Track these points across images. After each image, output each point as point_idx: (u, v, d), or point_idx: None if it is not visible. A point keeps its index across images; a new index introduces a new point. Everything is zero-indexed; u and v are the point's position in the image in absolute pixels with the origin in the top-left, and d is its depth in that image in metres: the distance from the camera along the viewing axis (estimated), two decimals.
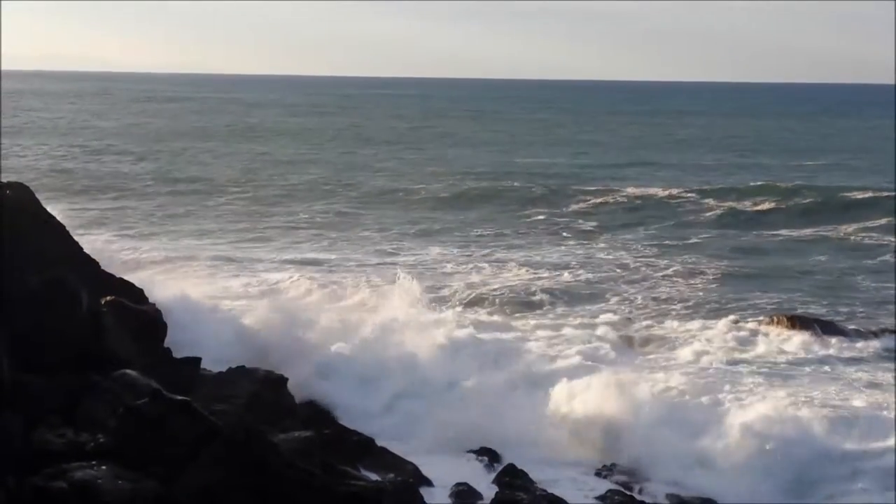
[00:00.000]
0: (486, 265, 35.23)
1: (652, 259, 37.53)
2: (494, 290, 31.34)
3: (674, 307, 30.19)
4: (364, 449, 17.28)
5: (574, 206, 48.77)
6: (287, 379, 18.80)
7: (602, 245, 40.10)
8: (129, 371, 14.98)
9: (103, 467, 11.97)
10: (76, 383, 14.05)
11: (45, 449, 12.26)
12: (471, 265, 35.29)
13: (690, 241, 40.94)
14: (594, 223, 45.00)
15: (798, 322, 26.97)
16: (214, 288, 28.86)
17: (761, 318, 28.17)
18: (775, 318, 27.60)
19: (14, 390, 13.13)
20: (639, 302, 30.61)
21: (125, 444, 12.49)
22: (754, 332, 26.84)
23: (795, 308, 29.50)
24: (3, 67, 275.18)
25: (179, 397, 13.49)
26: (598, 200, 50.00)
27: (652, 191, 52.82)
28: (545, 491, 16.18)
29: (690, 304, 30.64)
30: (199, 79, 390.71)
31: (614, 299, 30.84)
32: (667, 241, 41.04)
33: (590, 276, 34.00)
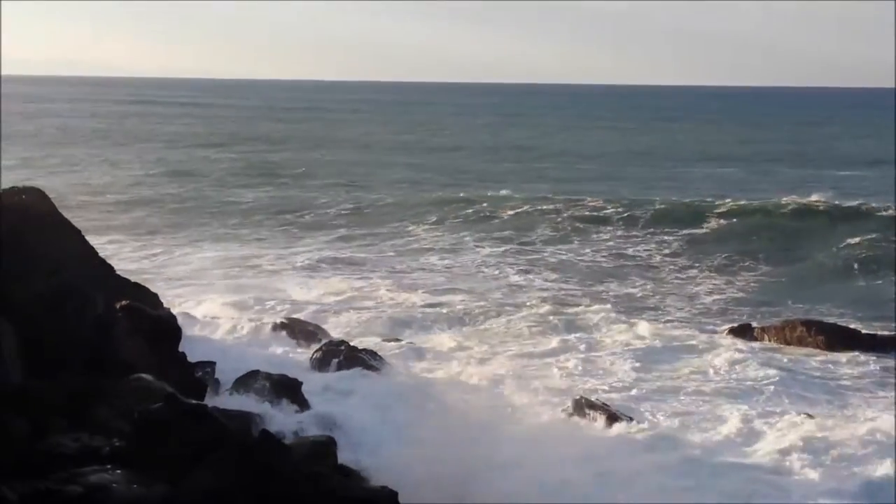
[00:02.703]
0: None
1: (673, 260, 38.12)
2: None
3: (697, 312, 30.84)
4: None
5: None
6: (301, 383, 18.85)
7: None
8: (143, 375, 14.99)
9: (118, 472, 11.96)
10: (90, 387, 14.07)
11: (58, 452, 12.27)
12: None
13: (714, 248, 41.06)
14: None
15: (814, 328, 26.78)
16: None
17: (776, 323, 28.13)
18: (790, 325, 27.46)
19: (27, 394, 13.15)
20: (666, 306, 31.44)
21: (140, 449, 12.49)
22: (765, 338, 26.88)
23: (820, 315, 29.44)
24: (7, 72, 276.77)
25: (194, 402, 13.50)
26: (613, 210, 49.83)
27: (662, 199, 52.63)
28: None
29: (714, 308, 31.39)
30: (229, 84, 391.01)
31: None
32: (689, 246, 41.47)
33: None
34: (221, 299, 29.16)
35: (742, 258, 38.99)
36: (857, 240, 40.34)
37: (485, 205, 50.53)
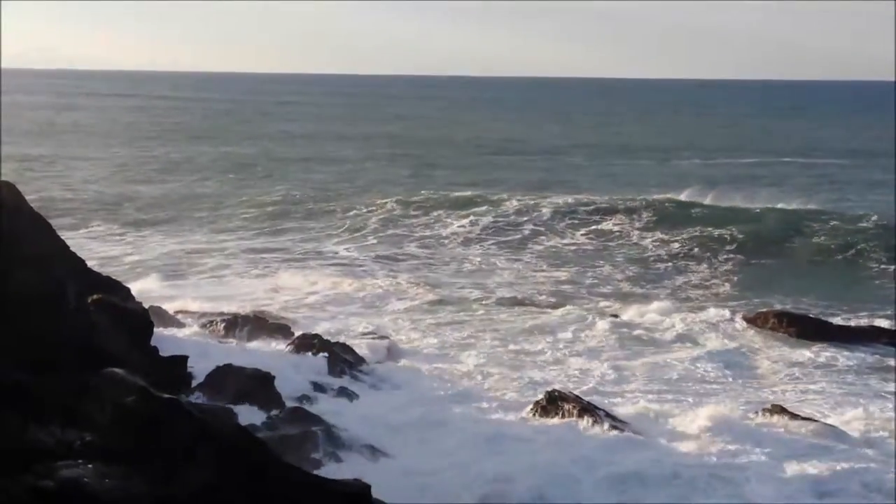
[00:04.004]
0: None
1: (650, 251, 38.53)
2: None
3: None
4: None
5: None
6: (274, 377, 18.81)
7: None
8: (116, 369, 14.90)
9: (90, 466, 11.89)
10: (69, 381, 14.00)
11: (33, 448, 12.20)
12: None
13: (693, 242, 41.09)
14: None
15: (786, 319, 26.99)
16: None
17: (749, 314, 28.37)
18: (762, 316, 27.69)
19: (8, 389, 13.06)
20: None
21: (113, 443, 12.42)
22: (739, 328, 27.09)
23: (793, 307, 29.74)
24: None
25: (167, 395, 13.42)
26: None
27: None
28: None
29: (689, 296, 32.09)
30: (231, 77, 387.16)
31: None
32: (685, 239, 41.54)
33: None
34: (193, 293, 29.06)
35: (718, 251, 39.00)
36: (833, 236, 40.69)
37: (461, 196, 50.49)
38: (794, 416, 19.22)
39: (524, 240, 41.70)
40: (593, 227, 43.88)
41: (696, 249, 39.30)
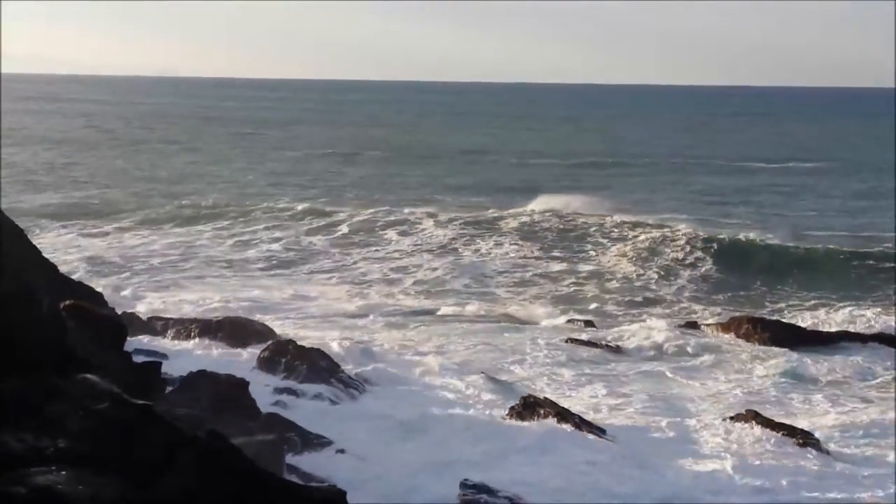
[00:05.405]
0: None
1: (619, 260, 38.38)
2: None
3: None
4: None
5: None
6: (249, 382, 18.74)
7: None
8: (88, 375, 14.80)
9: (63, 472, 11.80)
10: (39, 387, 13.92)
11: (3, 453, 12.10)
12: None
13: (661, 250, 41.05)
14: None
15: (759, 325, 27.09)
16: None
17: (722, 320, 28.50)
18: (736, 321, 27.79)
19: None
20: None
21: (85, 449, 12.34)
22: (711, 334, 27.19)
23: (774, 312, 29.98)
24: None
25: (140, 401, 13.34)
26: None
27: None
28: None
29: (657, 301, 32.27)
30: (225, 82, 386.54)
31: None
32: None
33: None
34: (168, 298, 28.93)
35: (690, 259, 39.01)
36: (811, 242, 40.96)
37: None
38: (768, 422, 19.27)
39: (499, 247, 41.64)
40: (565, 236, 43.85)
41: (669, 257, 39.31)
